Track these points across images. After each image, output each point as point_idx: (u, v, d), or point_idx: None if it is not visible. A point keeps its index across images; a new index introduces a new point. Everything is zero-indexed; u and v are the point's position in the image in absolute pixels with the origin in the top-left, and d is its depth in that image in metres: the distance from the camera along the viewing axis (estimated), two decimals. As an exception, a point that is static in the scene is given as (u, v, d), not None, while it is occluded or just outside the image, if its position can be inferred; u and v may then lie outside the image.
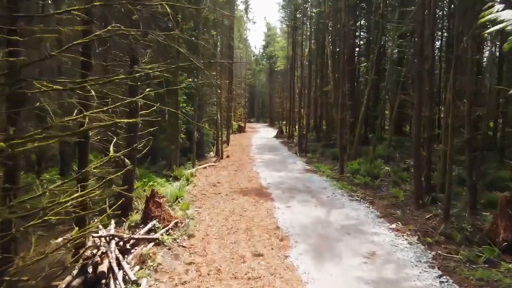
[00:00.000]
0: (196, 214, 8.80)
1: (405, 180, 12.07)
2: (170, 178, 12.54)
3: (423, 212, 8.85)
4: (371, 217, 8.64)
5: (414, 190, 9.25)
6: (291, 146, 24.79)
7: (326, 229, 7.75)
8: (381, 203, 9.86)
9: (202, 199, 10.27)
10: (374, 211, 9.13)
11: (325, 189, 11.52)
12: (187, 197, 10.37)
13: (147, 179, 11.06)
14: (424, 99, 9.03)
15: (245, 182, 12.70)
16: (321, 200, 10.16)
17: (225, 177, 13.59)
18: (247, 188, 11.68)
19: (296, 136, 27.84)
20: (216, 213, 8.95)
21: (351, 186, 11.71)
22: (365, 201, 10.04)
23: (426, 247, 6.80)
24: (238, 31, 40.73)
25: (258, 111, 73.40)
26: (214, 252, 6.55)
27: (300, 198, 10.39)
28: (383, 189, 11.63)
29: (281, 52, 46.79)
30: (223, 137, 25.25)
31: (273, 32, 54.91)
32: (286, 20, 31.90)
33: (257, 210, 9.21)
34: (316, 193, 10.99)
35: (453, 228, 7.45)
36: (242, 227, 7.91)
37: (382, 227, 7.91)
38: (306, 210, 9.15)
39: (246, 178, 13.43)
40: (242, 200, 10.21)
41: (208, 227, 7.86)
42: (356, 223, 8.15)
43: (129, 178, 7.79)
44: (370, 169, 12.93)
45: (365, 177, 12.25)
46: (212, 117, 19.04)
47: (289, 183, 12.47)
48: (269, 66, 53.59)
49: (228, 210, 9.16)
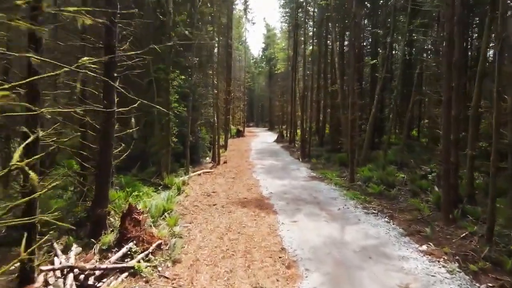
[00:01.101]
0: (186, 231, 7.38)
1: (424, 189, 10.69)
2: (160, 186, 11.13)
3: (455, 228, 7.47)
4: (394, 235, 7.24)
5: (443, 202, 7.87)
6: (293, 151, 23.41)
7: (342, 251, 6.35)
8: (402, 217, 8.47)
9: (194, 212, 8.86)
10: (396, 227, 7.73)
11: (335, 200, 10.13)
12: (176, 209, 8.97)
13: (131, 188, 9.66)
14: (453, 95, 7.69)
15: (244, 191, 11.30)
16: (332, 214, 8.76)
17: (222, 185, 12.19)
18: (246, 199, 10.28)
19: (298, 140, 26.51)
20: (210, 230, 7.54)
21: (364, 196, 10.31)
22: (383, 215, 8.64)
23: (471, 277, 5.41)
24: (236, 28, 39.60)
25: (258, 115, 72.06)
26: (204, 285, 5.14)
27: (308, 211, 8.99)
28: (401, 199, 10.24)
29: (281, 54, 45.64)
30: (220, 141, 23.86)
31: (272, 33, 53.86)
32: (286, 19, 30.73)
33: (257, 226, 7.80)
34: (325, 205, 9.59)
35: (500, 251, 6.07)
36: (240, 249, 6.50)
37: (410, 248, 6.51)
38: (315, 226, 7.75)
39: (245, 186, 12.03)
40: (240, 213, 8.81)
41: (198, 249, 6.45)
42: (378, 244, 6.75)
43: (102, 189, 6.40)
44: (384, 176, 11.55)
45: (379, 186, 10.87)
46: (208, 119, 17.69)
47: (293, 192, 11.07)
48: (269, 68, 52.43)
49: (224, 226, 7.75)
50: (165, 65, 12.19)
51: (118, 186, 10.57)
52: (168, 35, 11.93)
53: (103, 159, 6.38)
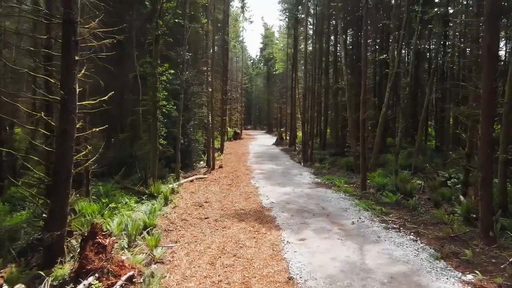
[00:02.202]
0: (169, 254, 5.97)
1: (447, 198, 9.36)
2: (144, 195, 9.71)
3: (499, 249, 6.12)
4: (426, 258, 5.87)
5: (482, 217, 6.51)
6: (294, 154, 22.07)
7: (367, 283, 4.96)
8: (430, 233, 7.11)
9: (182, 228, 7.44)
10: (426, 247, 6.36)
11: (347, 211, 8.75)
12: (161, 224, 7.56)
13: (107, 199, 8.25)
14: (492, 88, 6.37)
15: (241, 200, 9.90)
16: (345, 229, 7.38)
17: (216, 193, 10.77)
18: (243, 210, 8.88)
19: (299, 143, 25.19)
20: (199, 252, 6.13)
21: (380, 207, 8.95)
22: (407, 230, 7.27)
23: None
24: (233, 27, 38.39)
25: (255, 118, 70.82)
26: None
27: (317, 225, 7.61)
28: (421, 210, 8.89)
29: (279, 55, 44.49)
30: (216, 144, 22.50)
31: (270, 32, 52.76)
32: (286, 15, 29.50)
33: (258, 246, 6.41)
34: (336, 217, 8.22)
35: None
36: (236, 279, 5.11)
37: (451, 278, 5.13)
38: (328, 246, 6.37)
39: (243, 195, 10.63)
40: (237, 228, 7.41)
41: (183, 281, 5.04)
42: (409, 271, 5.37)
43: (58, 204, 4.98)
44: (400, 184, 10.20)
45: (395, 195, 9.52)
46: (202, 120, 16.30)
47: (298, 202, 9.69)
48: (267, 69, 51.28)
49: (217, 247, 6.35)
50: (152, 58, 10.82)
51: (96, 196, 9.17)
52: (156, 24, 10.57)
53: (60, 166, 4.97)
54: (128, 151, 13.06)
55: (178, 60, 13.61)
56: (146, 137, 11.61)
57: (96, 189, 9.52)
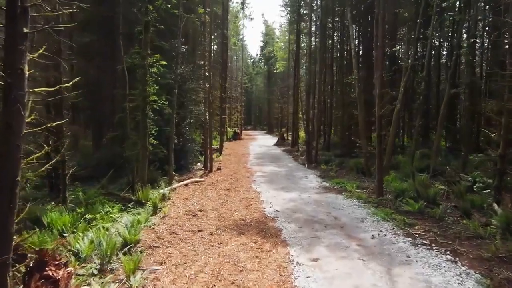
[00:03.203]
0: (150, 282, 4.76)
1: (478, 206, 8.16)
2: (131, 203, 8.51)
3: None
4: (473, 287, 4.67)
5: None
6: (297, 155, 20.86)
7: (407, 328, 3.75)
8: (470, 251, 5.89)
9: (170, 244, 6.23)
10: (470, 271, 5.15)
11: (364, 222, 7.54)
12: (146, 239, 6.35)
13: (82, 209, 7.05)
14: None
15: (241, 208, 8.69)
16: (366, 245, 6.18)
17: (213, 200, 9.56)
18: (243, 221, 7.66)
19: (302, 143, 24.03)
20: (189, 278, 4.92)
21: (402, 217, 7.73)
22: (440, 248, 6.06)
23: None
24: (233, 23, 37.25)
25: (255, 118, 69.61)
26: None
27: (330, 240, 6.40)
28: (449, 220, 7.69)
29: (280, 53, 43.35)
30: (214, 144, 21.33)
31: (271, 29, 51.67)
32: (288, 10, 28.35)
33: (261, 269, 5.20)
34: (352, 230, 7.01)
35: None
36: (234, 320, 3.90)
37: (515, 318, 3.93)
38: (348, 269, 5.17)
39: (243, 201, 9.42)
40: (236, 244, 6.21)
41: (164, 323, 3.84)
42: (457, 307, 4.17)
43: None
44: (421, 189, 9.00)
45: (418, 202, 8.31)
46: (199, 118, 15.09)
47: (306, 210, 8.48)
48: (268, 68, 50.09)
49: (211, 271, 5.14)
50: (141, 48, 9.62)
51: (75, 204, 7.98)
52: (145, 9, 9.39)
53: (2, 172, 3.76)
54: (118, 152, 11.87)
55: (173, 53, 12.43)
56: (135, 136, 10.41)
57: (75, 195, 8.32)
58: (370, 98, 13.48)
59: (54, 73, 7.15)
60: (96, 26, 13.95)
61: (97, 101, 14.91)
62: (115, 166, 11.31)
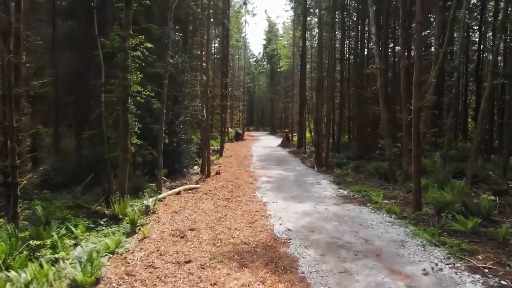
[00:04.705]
0: None
1: (550, 225, 6.31)
2: (104, 218, 6.72)
3: None
4: None
5: None
6: (304, 158, 19.03)
7: None
8: None
9: (144, 286, 4.42)
10: None
11: (405, 248, 5.70)
12: (110, 276, 4.55)
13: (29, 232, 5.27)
14: None
15: (243, 226, 6.87)
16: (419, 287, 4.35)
17: (208, 214, 7.74)
18: (246, 245, 5.83)
19: (310, 144, 22.23)
20: None
21: (455, 240, 5.86)
22: (529, 293, 4.23)
23: None
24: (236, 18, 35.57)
25: (258, 119, 67.87)
26: None
27: (367, 278, 4.57)
28: (515, 244, 5.85)
29: (284, 51, 41.65)
30: (214, 145, 19.60)
31: (274, 24, 49.99)
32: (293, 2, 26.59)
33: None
34: (393, 260, 5.17)
35: None
36: None
37: None
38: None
39: (245, 216, 7.60)
40: (236, 286, 4.39)
41: None
42: None
43: None
44: (470, 201, 7.16)
45: (470, 219, 6.46)
46: (196, 115, 13.30)
47: (326, 229, 6.64)
48: (271, 67, 48.33)
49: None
50: (122, 28, 7.86)
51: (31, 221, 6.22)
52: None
53: None
54: (99, 153, 10.10)
55: (165, 41, 10.68)
56: (113, 134, 8.66)
57: (30, 210, 6.55)
58: (391, 92, 11.68)
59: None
60: (81, 13, 12.26)
61: (82, 95, 13.21)
62: (95, 170, 9.57)
